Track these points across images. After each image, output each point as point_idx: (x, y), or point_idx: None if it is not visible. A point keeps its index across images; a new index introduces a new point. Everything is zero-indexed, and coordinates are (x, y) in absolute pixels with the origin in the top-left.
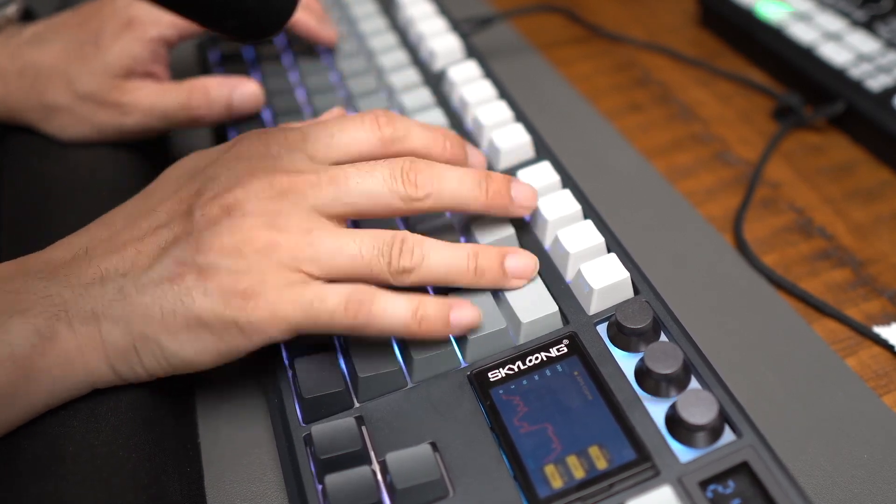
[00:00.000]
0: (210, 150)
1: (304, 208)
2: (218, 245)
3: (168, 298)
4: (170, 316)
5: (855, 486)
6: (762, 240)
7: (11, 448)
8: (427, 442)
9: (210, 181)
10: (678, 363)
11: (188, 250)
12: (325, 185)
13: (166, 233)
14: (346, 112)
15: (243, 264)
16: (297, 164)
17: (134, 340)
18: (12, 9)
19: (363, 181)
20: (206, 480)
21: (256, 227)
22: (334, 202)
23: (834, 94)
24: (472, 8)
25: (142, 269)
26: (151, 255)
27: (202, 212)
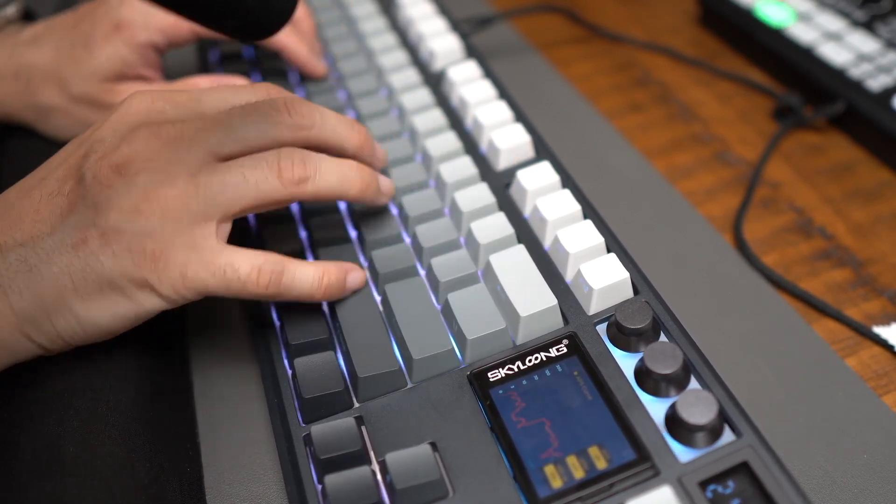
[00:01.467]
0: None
1: (194, 155)
2: (116, 206)
3: (76, 265)
4: (80, 283)
5: (855, 486)
6: (762, 240)
7: (11, 448)
8: (427, 442)
9: (96, 143)
10: (678, 363)
11: (87, 214)
12: (210, 127)
13: (60, 200)
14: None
15: (145, 224)
16: (181, 116)
17: (47, 312)
18: (12, 9)
19: (248, 116)
20: (206, 480)
21: (151, 183)
22: (223, 142)
23: (834, 94)
24: (472, 8)
25: (41, 237)
26: (50, 222)
27: (92, 174)
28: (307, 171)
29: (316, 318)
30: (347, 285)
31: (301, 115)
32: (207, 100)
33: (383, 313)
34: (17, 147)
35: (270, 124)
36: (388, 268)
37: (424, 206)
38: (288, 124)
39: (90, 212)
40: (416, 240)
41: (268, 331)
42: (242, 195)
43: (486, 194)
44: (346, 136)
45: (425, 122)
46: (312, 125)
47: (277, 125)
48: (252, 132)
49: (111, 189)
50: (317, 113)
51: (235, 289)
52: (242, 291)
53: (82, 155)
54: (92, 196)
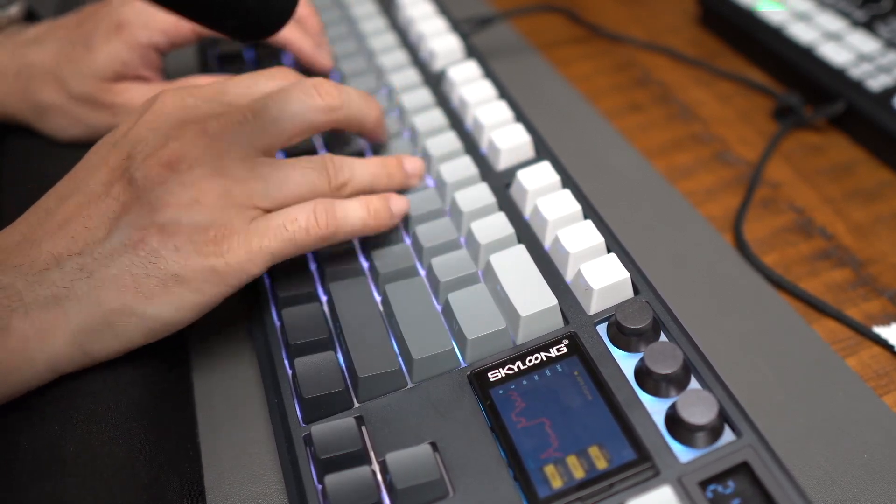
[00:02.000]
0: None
1: (240, 146)
2: (174, 202)
3: (136, 264)
4: (143, 280)
5: (855, 486)
6: (762, 240)
7: (11, 448)
8: (427, 442)
9: (138, 143)
10: (678, 363)
11: (143, 213)
12: (251, 119)
13: (111, 203)
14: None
15: (204, 213)
16: (216, 110)
17: (106, 316)
18: (15, 9)
19: (284, 105)
20: (206, 480)
21: (205, 175)
22: (265, 131)
23: (834, 94)
24: (472, 8)
25: (97, 242)
26: (103, 227)
27: (143, 173)
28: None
29: (316, 318)
30: (393, 209)
31: (331, 97)
32: (232, 91)
33: (383, 313)
34: (17, 147)
35: (305, 110)
36: (388, 268)
37: (424, 206)
38: (321, 107)
39: (145, 210)
40: (416, 240)
41: (268, 331)
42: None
43: (486, 194)
44: (368, 111)
45: (425, 122)
46: (341, 105)
47: (311, 110)
48: (288, 121)
49: (164, 186)
50: (343, 93)
51: (301, 239)
52: (307, 239)
53: (125, 156)
54: (146, 195)
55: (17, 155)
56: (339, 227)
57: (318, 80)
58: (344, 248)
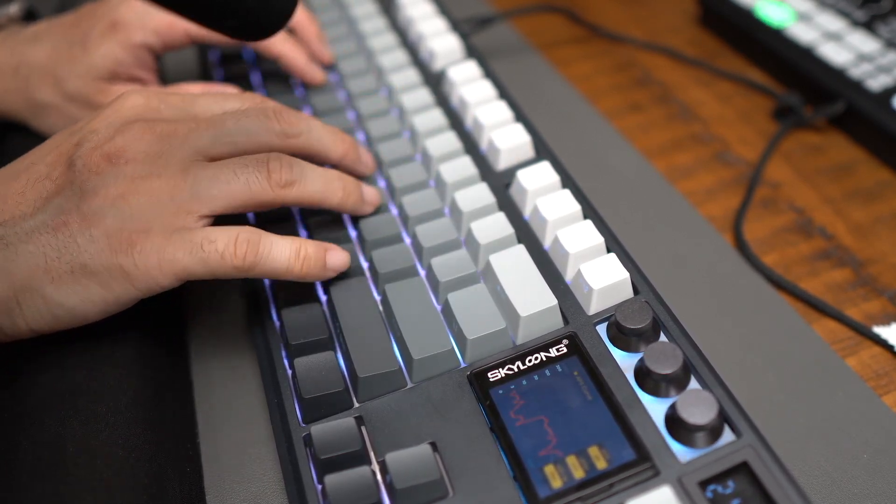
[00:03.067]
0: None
1: (184, 151)
2: (103, 193)
3: (52, 246)
4: (54, 263)
5: (855, 486)
6: (762, 240)
7: (11, 448)
8: (427, 442)
9: (89, 133)
10: (678, 363)
11: (72, 198)
12: (203, 128)
13: (48, 184)
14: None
15: (128, 211)
16: (174, 116)
17: (16, 292)
18: (15, 8)
19: (239, 121)
20: (206, 480)
21: (139, 173)
22: (214, 142)
23: (834, 94)
24: (472, 8)
25: (23, 217)
26: (34, 204)
27: (83, 161)
28: (293, 175)
29: (316, 318)
30: (328, 263)
31: (289, 124)
32: (200, 103)
33: (383, 313)
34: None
35: (260, 130)
36: (388, 268)
37: (424, 206)
38: (277, 131)
39: (76, 196)
40: (416, 240)
41: (268, 331)
42: (231, 192)
43: (486, 194)
44: (331, 144)
45: (425, 122)
46: (300, 133)
47: (267, 131)
48: (242, 136)
49: (99, 176)
50: (304, 122)
51: (214, 263)
52: (220, 265)
53: (74, 143)
54: (80, 182)
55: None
56: (258, 263)
57: (282, 107)
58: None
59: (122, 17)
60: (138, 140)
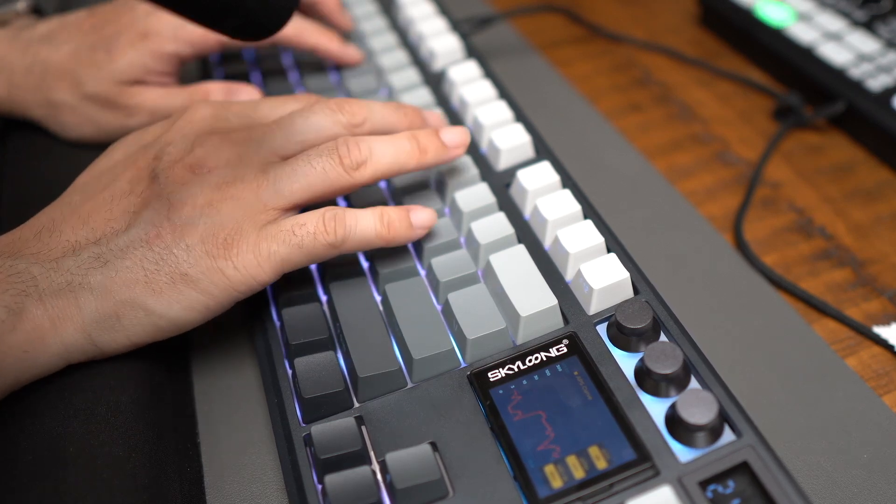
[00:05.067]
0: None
1: (261, 154)
2: (191, 202)
3: (149, 258)
4: (154, 275)
5: (855, 486)
6: (762, 240)
7: (11, 448)
8: (427, 442)
9: (167, 146)
10: (678, 363)
11: (161, 210)
12: (275, 130)
13: (133, 199)
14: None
15: (217, 216)
16: (244, 122)
17: (116, 307)
18: (22, 3)
19: (307, 119)
20: (206, 480)
21: (222, 179)
22: (286, 142)
23: (834, 94)
24: (472, 8)
25: (115, 234)
26: (123, 220)
27: (166, 174)
28: (363, 155)
29: (316, 318)
30: (414, 222)
31: (352, 113)
32: (263, 108)
33: (383, 313)
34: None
35: (328, 124)
36: (389, 268)
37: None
38: (343, 123)
39: (164, 208)
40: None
41: (268, 331)
42: (310, 182)
43: (486, 194)
44: (397, 122)
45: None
46: (364, 120)
47: (334, 124)
48: (312, 133)
49: (185, 187)
50: (366, 108)
51: (308, 246)
52: (315, 247)
53: (152, 157)
54: (167, 193)
55: (19, 154)
56: (348, 234)
57: (343, 99)
58: None
59: (155, 27)
60: (217, 149)
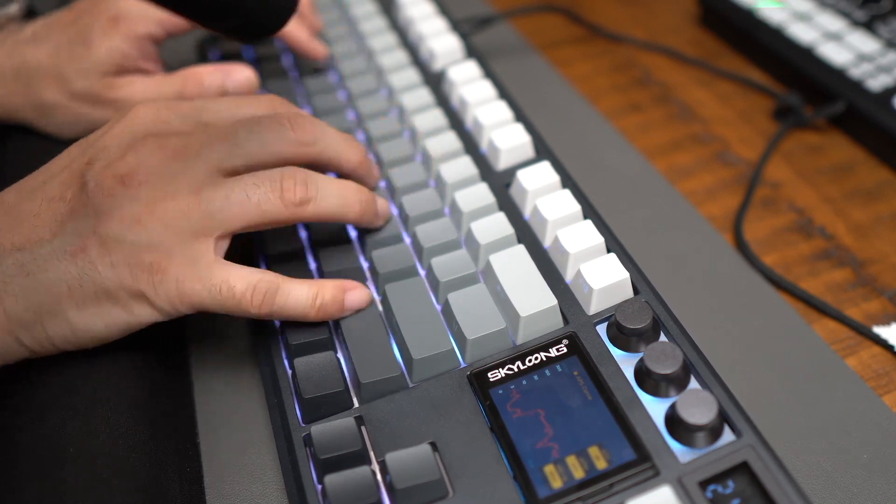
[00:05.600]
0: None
1: (197, 168)
2: (118, 216)
3: (72, 273)
4: (77, 290)
5: (855, 486)
6: (762, 240)
7: (12, 448)
8: (427, 442)
9: (101, 151)
10: (678, 363)
11: (88, 221)
12: (216, 141)
13: (61, 206)
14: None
15: (145, 236)
16: (186, 128)
17: (40, 316)
18: (14, 7)
19: (252, 131)
20: (206, 480)
21: (153, 197)
22: (228, 156)
23: (834, 94)
24: (472, 8)
25: (40, 242)
26: (49, 228)
27: (96, 182)
28: (308, 193)
29: None
30: (347, 304)
31: (304, 132)
32: (211, 110)
33: (383, 313)
34: (17, 147)
35: (274, 140)
36: (388, 268)
37: (424, 206)
38: (291, 140)
39: (91, 219)
40: (416, 240)
41: (268, 331)
42: (244, 213)
43: (486, 194)
44: (346, 154)
45: (425, 122)
46: (315, 142)
47: (281, 141)
48: (256, 147)
49: (113, 199)
50: (319, 129)
51: (230, 306)
52: (237, 309)
53: (86, 162)
54: (94, 204)
55: (18, 155)
56: (274, 310)
57: (296, 112)
58: (344, 247)
59: (123, 10)
60: (150, 157)
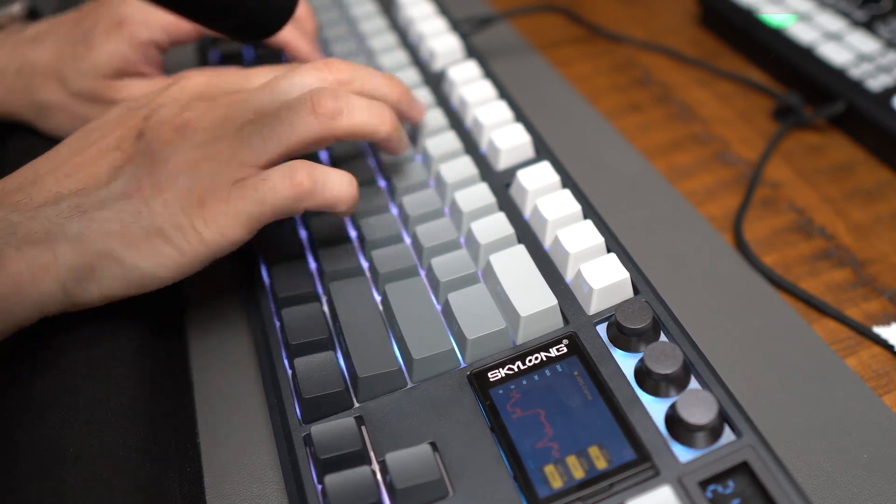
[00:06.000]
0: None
1: (243, 115)
2: (174, 160)
3: (127, 211)
4: (130, 227)
5: (855, 486)
6: (762, 240)
7: (12, 447)
8: (427, 442)
9: (158, 108)
10: (678, 363)
11: (144, 166)
12: (258, 92)
13: (118, 154)
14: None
15: (196, 175)
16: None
17: (91, 258)
18: (17, 7)
19: (291, 79)
20: (206, 480)
21: (205, 141)
22: (270, 103)
23: (834, 94)
24: (472, 8)
25: (97, 186)
26: (106, 174)
27: (153, 133)
28: (339, 105)
29: (316, 318)
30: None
31: (340, 71)
32: (256, 76)
33: (383, 313)
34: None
35: (313, 82)
36: (388, 268)
37: (424, 206)
38: (329, 80)
39: (147, 165)
40: (416, 240)
41: (268, 331)
42: (280, 136)
43: (486, 194)
44: (387, 89)
45: (425, 121)
46: (353, 80)
47: (320, 82)
48: (296, 91)
49: (170, 146)
50: (356, 69)
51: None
52: (275, 200)
53: (142, 118)
54: (151, 151)
55: (19, 155)
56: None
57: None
58: (344, 247)
59: (127, 14)
60: (204, 113)
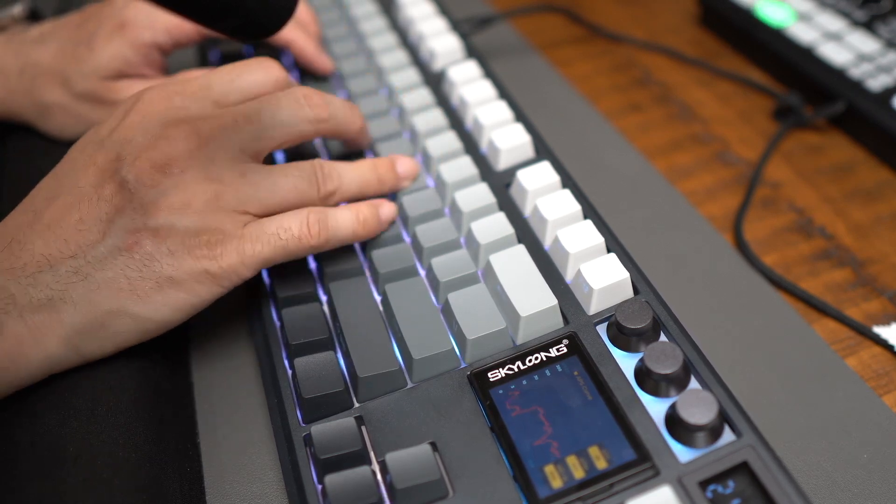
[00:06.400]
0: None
1: (231, 150)
2: (167, 205)
3: (131, 267)
4: (138, 283)
5: (855, 486)
6: (762, 240)
7: (12, 448)
8: (427, 442)
9: (126, 143)
10: (678, 363)
11: (136, 216)
12: (242, 124)
13: (104, 205)
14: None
15: (196, 218)
16: (206, 110)
17: (101, 317)
18: (19, 8)
19: (275, 115)
20: (206, 480)
21: (197, 179)
22: (255, 139)
23: (834, 94)
24: (472, 8)
25: (91, 245)
26: (97, 230)
27: (134, 175)
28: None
29: (316, 318)
30: (382, 217)
31: (320, 108)
32: (216, 86)
33: (383, 313)
34: (17, 147)
35: (295, 121)
36: (388, 268)
37: (424, 206)
38: (310, 118)
39: (138, 213)
40: (416, 240)
41: (268, 331)
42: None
43: (486, 194)
44: (350, 121)
45: (425, 122)
46: (328, 118)
47: (301, 121)
48: (279, 129)
49: (157, 189)
50: (329, 104)
51: (293, 248)
52: (298, 248)
53: (113, 157)
54: (139, 197)
55: (19, 155)
56: (331, 236)
57: (306, 90)
58: (343, 247)
59: (130, 17)
60: (183, 143)
